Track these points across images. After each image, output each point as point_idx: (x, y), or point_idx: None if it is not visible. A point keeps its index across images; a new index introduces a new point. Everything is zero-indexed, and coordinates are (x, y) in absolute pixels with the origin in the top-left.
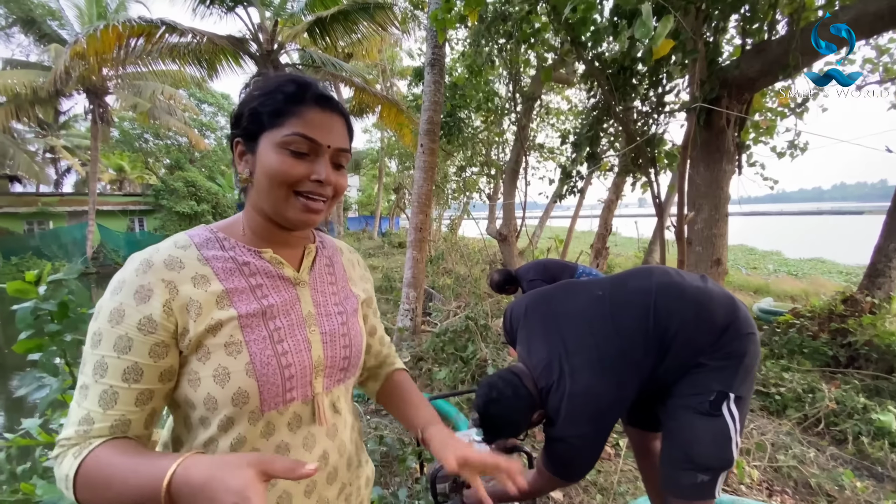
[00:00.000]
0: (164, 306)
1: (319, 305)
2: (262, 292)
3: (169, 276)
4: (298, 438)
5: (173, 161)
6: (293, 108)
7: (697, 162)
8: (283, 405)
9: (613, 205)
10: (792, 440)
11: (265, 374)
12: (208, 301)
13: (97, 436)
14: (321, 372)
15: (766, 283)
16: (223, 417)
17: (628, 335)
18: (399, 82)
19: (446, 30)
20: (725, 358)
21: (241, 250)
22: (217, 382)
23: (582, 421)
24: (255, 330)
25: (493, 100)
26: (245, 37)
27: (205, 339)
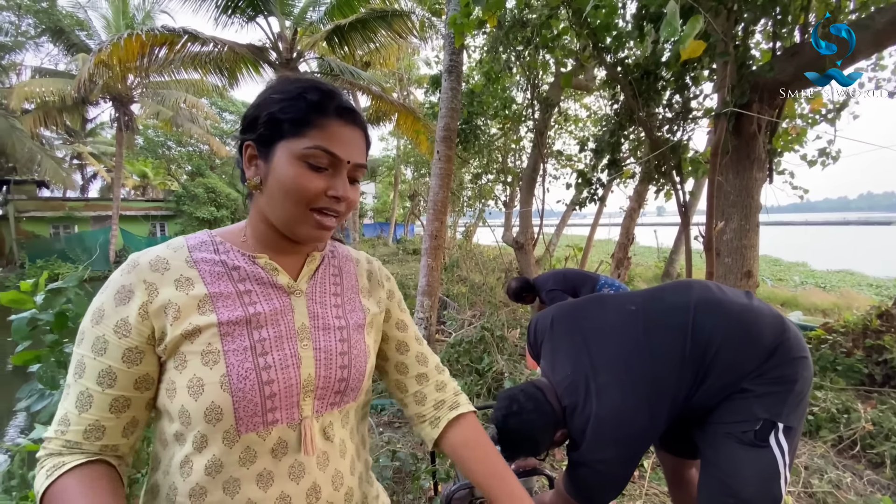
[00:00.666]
0: (139, 309)
1: (316, 318)
2: (250, 299)
3: (151, 277)
4: (283, 467)
5: (194, 168)
6: (316, 118)
7: (727, 169)
8: (264, 427)
9: (635, 213)
10: (826, 463)
11: (241, 390)
12: (188, 305)
13: (71, 442)
14: (311, 393)
15: (794, 295)
16: (197, 434)
17: (662, 359)
18: (416, 91)
19: (464, 34)
20: (773, 383)
21: (235, 255)
22: (190, 394)
23: (608, 446)
24: (237, 339)
25: (511, 106)
26: (265, 45)
27: (181, 345)
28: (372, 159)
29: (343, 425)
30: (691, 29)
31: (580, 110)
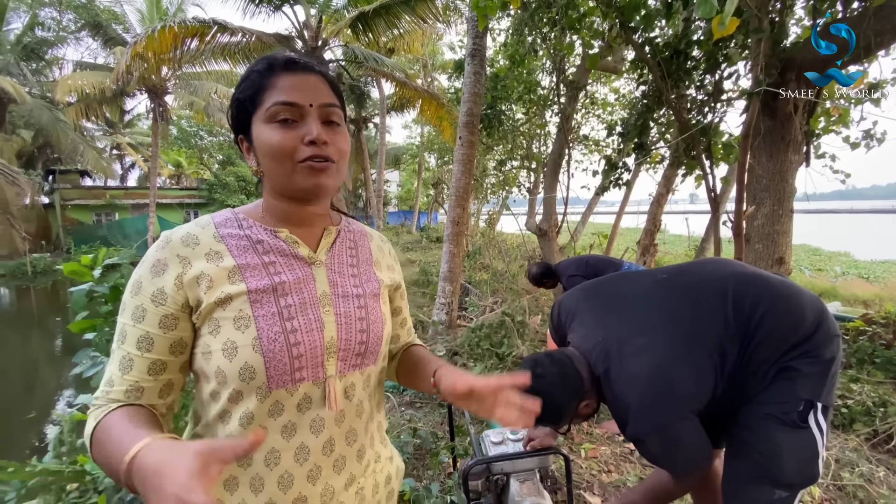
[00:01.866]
0: (175, 279)
1: (336, 286)
2: (275, 269)
3: (184, 251)
4: (306, 420)
5: (225, 157)
6: (266, 81)
7: (759, 152)
8: (292, 385)
9: (663, 199)
10: (859, 457)
11: (272, 351)
12: (219, 275)
13: (115, 399)
14: (334, 354)
15: (833, 286)
16: (232, 391)
17: (705, 321)
18: (440, 76)
19: (487, 17)
20: (815, 361)
21: (258, 230)
22: (225, 356)
23: (655, 408)
24: (265, 306)
25: (536, 90)
26: (291, 34)
27: (214, 311)
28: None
29: (364, 388)
30: (730, 5)
31: (609, 94)
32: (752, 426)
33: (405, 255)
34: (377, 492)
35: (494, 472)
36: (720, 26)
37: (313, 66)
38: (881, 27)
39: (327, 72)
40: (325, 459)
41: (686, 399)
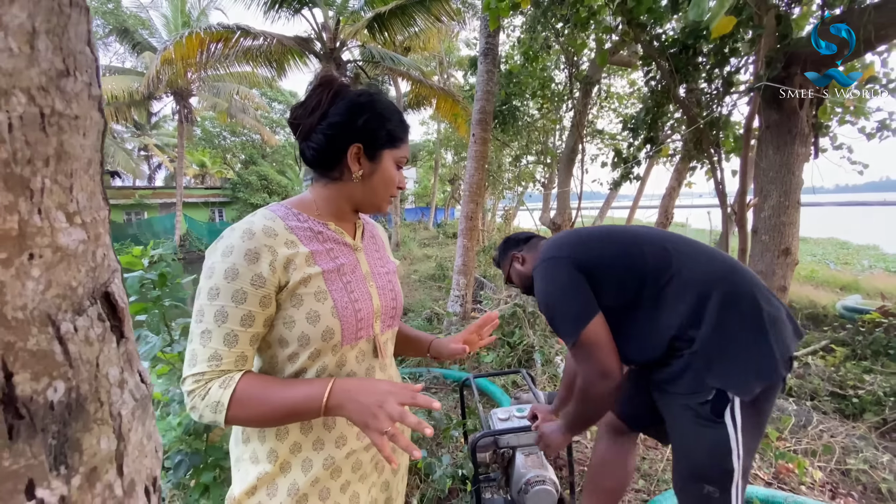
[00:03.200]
0: (270, 265)
1: (373, 266)
2: (335, 254)
3: (269, 241)
4: (362, 369)
5: (248, 156)
6: (404, 136)
7: (766, 145)
8: (355, 341)
9: (675, 192)
10: (866, 444)
11: (345, 316)
12: (300, 260)
13: (227, 369)
14: (379, 317)
15: (856, 279)
16: (313, 350)
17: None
18: (456, 73)
19: (499, 18)
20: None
21: (313, 222)
22: (310, 323)
23: (547, 250)
24: (335, 282)
25: (550, 86)
26: (310, 36)
27: (298, 289)
28: (413, 144)
29: (391, 342)
30: (720, 7)
31: (625, 86)
32: (673, 419)
33: (422, 250)
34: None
35: (501, 446)
36: (712, 24)
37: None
38: (884, 20)
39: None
40: None
41: (574, 254)
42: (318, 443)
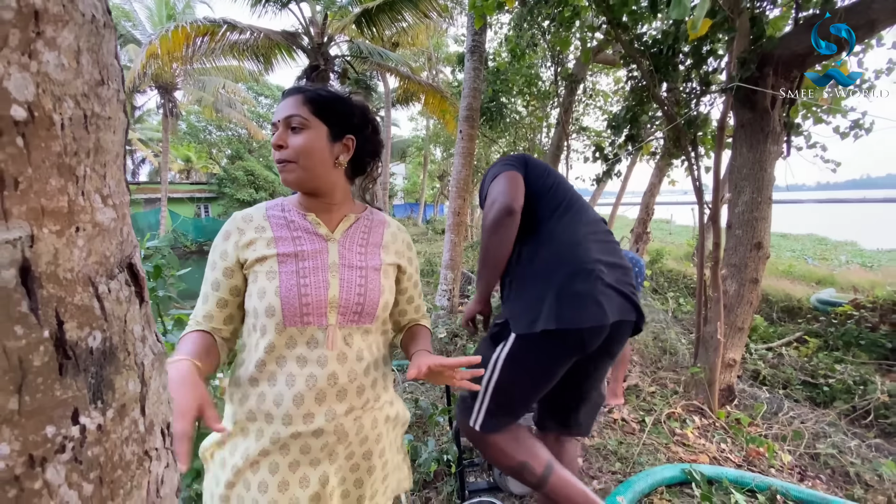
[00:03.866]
0: (234, 244)
1: (344, 258)
2: (299, 242)
3: (241, 225)
4: (314, 355)
5: (234, 151)
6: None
7: (740, 143)
8: (301, 325)
9: (656, 189)
10: (836, 431)
11: (287, 297)
12: (261, 242)
13: (197, 323)
14: (335, 308)
15: (832, 274)
16: (261, 325)
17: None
18: (445, 69)
19: (484, 16)
20: (526, 276)
21: (293, 213)
22: (259, 298)
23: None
24: (288, 266)
25: (536, 83)
26: (298, 31)
27: (255, 266)
28: (401, 140)
29: (363, 340)
30: (701, 9)
31: (611, 84)
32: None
33: None
34: (376, 426)
35: None
36: (693, 29)
37: (294, 89)
38: (854, 22)
39: (306, 88)
40: (329, 388)
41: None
42: (269, 417)
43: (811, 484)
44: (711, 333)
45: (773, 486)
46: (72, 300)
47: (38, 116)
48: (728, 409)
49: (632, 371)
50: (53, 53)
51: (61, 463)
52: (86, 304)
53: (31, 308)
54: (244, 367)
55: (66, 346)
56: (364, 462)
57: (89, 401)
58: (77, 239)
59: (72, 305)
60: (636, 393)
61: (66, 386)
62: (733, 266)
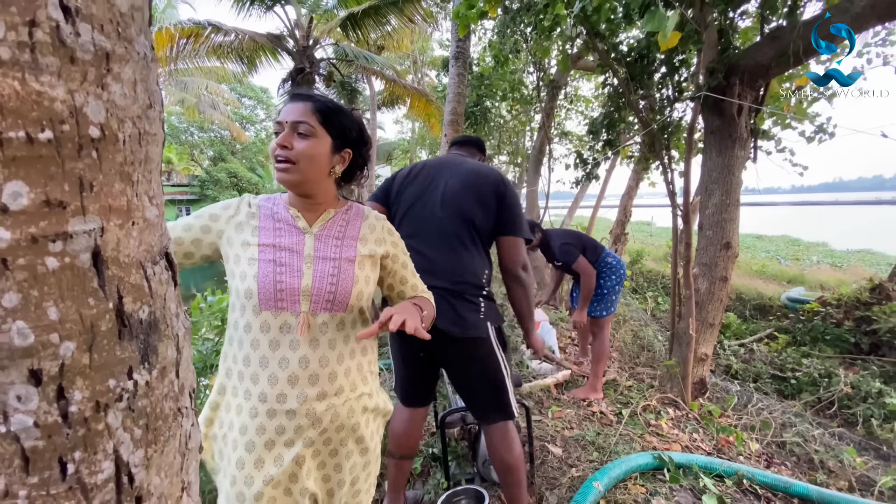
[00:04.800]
0: (227, 217)
1: (318, 250)
2: (279, 234)
3: (240, 206)
4: (286, 340)
5: (216, 153)
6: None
7: (710, 148)
8: (276, 310)
9: (633, 191)
10: (801, 421)
11: (264, 283)
12: (248, 229)
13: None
14: (308, 296)
15: (802, 273)
16: (241, 305)
17: None
18: (430, 72)
19: (468, 25)
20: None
21: (279, 207)
22: (240, 280)
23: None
24: (267, 254)
25: (520, 88)
26: (282, 34)
27: (238, 250)
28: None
29: (337, 328)
30: (671, 23)
31: (592, 90)
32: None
33: None
34: (352, 416)
35: (468, 422)
36: (663, 39)
37: (305, 95)
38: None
39: (317, 96)
40: (301, 371)
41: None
42: (247, 393)
43: (777, 470)
44: (684, 329)
45: (740, 471)
46: (128, 280)
47: (107, 134)
48: (700, 402)
49: (611, 367)
50: (118, 85)
51: (119, 410)
52: (138, 283)
53: (100, 284)
54: (229, 342)
55: (124, 316)
56: (342, 448)
57: (139, 361)
58: (133, 231)
59: (128, 284)
60: (614, 387)
61: (123, 348)
62: (704, 265)
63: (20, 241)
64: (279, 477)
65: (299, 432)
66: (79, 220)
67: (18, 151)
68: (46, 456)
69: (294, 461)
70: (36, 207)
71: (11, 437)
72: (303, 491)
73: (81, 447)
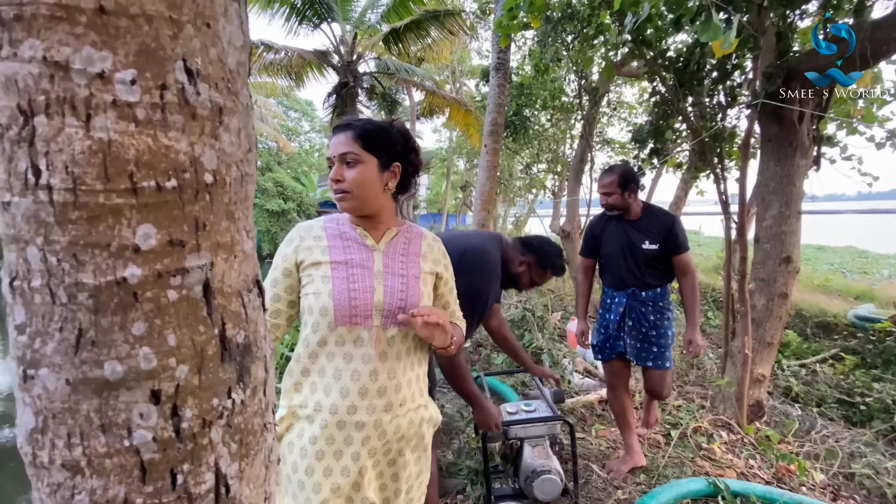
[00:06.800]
0: (295, 248)
1: (387, 266)
2: (349, 251)
3: (302, 233)
4: (359, 353)
5: (264, 164)
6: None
7: (767, 156)
8: (350, 325)
9: (682, 201)
10: (873, 451)
11: (339, 300)
12: (318, 249)
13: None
14: (380, 311)
15: (871, 288)
16: (314, 321)
17: None
18: (468, 81)
19: (510, 36)
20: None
21: (345, 227)
22: (315, 298)
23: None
24: (340, 271)
25: (560, 97)
26: (328, 50)
27: (310, 269)
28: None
29: (402, 342)
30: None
31: (636, 95)
32: None
33: None
34: (412, 427)
35: (510, 437)
36: (724, 46)
37: (344, 125)
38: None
39: (355, 123)
40: (371, 383)
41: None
42: (318, 405)
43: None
44: (739, 348)
45: (803, 503)
46: (230, 307)
47: (218, 179)
48: (757, 426)
49: None
50: (228, 134)
51: (220, 426)
52: (237, 310)
53: (209, 313)
54: (299, 359)
55: (226, 341)
56: (399, 458)
57: (236, 381)
58: (234, 263)
59: (230, 311)
60: (662, 407)
61: (224, 370)
62: (761, 280)
63: (148, 277)
64: (345, 486)
65: (365, 443)
66: (194, 257)
67: (150, 198)
68: (161, 468)
69: (358, 471)
70: (161, 247)
71: (133, 451)
72: (364, 500)
73: (189, 460)
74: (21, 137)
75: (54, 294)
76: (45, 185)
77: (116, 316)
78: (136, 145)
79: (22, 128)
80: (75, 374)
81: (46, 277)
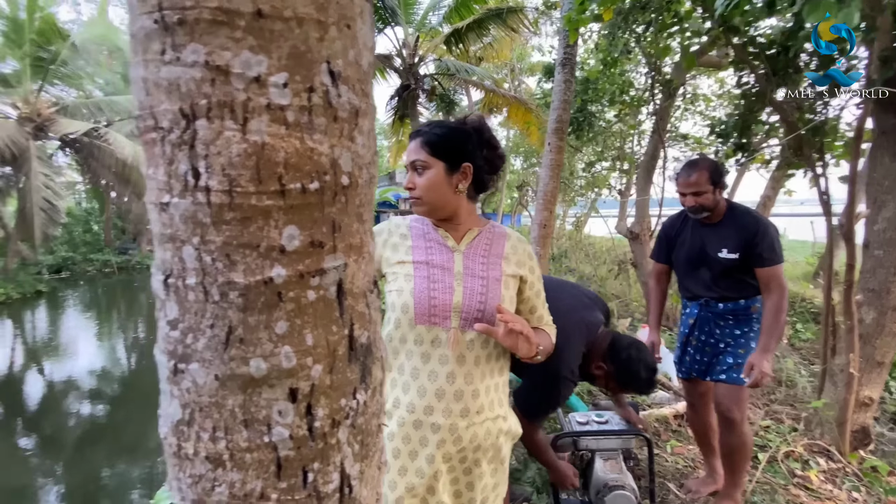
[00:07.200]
0: (383, 242)
1: (467, 268)
2: (431, 252)
3: (390, 227)
4: (436, 354)
5: None
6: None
7: (882, 151)
8: (429, 324)
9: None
10: None
11: (419, 299)
12: (402, 248)
13: None
14: (458, 313)
15: None
16: (396, 318)
17: None
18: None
19: (578, 30)
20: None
21: (429, 227)
22: (398, 295)
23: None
24: (421, 271)
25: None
26: (391, 53)
27: (395, 267)
28: None
29: (482, 346)
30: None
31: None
32: None
33: None
34: (489, 437)
35: (580, 448)
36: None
37: (415, 132)
38: None
39: (423, 129)
40: (448, 386)
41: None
42: (396, 401)
43: None
44: (842, 367)
45: None
46: (357, 308)
47: (352, 181)
48: (862, 454)
49: None
50: (361, 137)
51: (346, 426)
52: (363, 311)
53: (340, 313)
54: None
55: (353, 342)
56: (475, 468)
57: (360, 381)
58: (362, 264)
59: (357, 312)
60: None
61: (351, 370)
62: (871, 291)
63: (291, 277)
64: (419, 488)
65: (440, 447)
66: (331, 258)
67: (295, 200)
68: (294, 465)
69: (433, 474)
70: (304, 248)
71: (271, 447)
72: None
73: (319, 459)
74: (182, 140)
75: (207, 292)
76: (203, 186)
77: (262, 315)
78: (286, 148)
79: (184, 131)
80: (224, 369)
81: (201, 276)
